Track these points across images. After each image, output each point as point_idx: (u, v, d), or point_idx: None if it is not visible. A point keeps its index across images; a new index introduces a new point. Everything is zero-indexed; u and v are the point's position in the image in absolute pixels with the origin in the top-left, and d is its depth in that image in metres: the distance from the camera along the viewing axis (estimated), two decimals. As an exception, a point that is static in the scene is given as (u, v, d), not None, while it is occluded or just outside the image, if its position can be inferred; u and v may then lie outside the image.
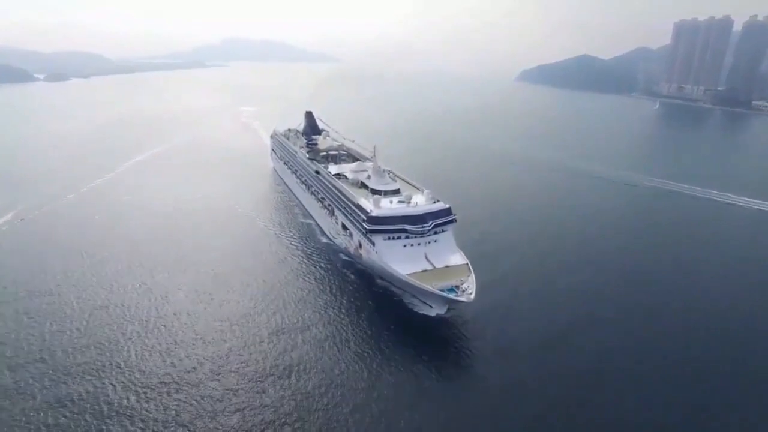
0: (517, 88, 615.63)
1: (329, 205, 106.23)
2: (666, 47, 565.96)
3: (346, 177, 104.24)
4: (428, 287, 74.07)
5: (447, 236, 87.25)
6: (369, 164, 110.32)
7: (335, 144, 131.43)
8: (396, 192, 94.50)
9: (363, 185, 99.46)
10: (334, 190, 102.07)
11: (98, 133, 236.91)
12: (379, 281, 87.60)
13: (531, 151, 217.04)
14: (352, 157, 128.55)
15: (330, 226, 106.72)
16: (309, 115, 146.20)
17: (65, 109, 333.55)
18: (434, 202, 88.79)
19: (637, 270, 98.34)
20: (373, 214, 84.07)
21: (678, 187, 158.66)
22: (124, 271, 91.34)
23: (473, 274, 78.31)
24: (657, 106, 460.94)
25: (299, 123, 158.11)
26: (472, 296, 71.87)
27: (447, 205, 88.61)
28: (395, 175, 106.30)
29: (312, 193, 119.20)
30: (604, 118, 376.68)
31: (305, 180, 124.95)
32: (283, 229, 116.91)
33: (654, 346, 73.37)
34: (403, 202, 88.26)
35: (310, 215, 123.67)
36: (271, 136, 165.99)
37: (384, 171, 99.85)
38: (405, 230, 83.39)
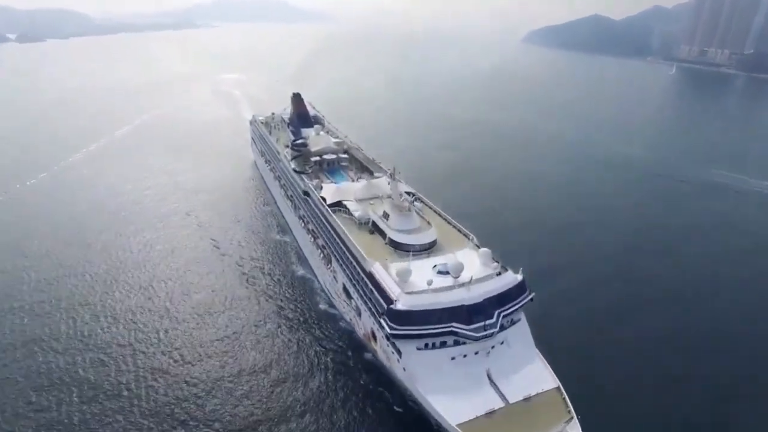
0: (523, 51, 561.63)
1: (324, 247, 69.20)
2: (683, 6, 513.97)
3: (348, 210, 66.23)
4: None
5: (520, 332, 50.80)
6: (381, 181, 72.85)
7: (332, 143, 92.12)
8: (431, 247, 57.11)
9: (375, 227, 61.88)
10: (332, 232, 64.62)
11: (59, 107, 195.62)
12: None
13: (538, 126, 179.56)
14: (357, 163, 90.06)
15: (325, 276, 70.15)
16: (297, 99, 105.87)
17: (27, 75, 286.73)
18: (497, 272, 51.57)
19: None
20: (400, 306, 46.87)
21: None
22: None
23: (576, 420, 42.62)
24: (673, 71, 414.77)
25: (284, 107, 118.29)
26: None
27: (519, 277, 51.61)
28: (423, 205, 68.68)
29: (299, 218, 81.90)
30: (622, 87, 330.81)
31: (291, 196, 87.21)
32: (249, 250, 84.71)
33: None
34: (447, 273, 50.80)
35: (290, 230, 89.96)
36: (251, 122, 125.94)
37: (407, 202, 61.71)
38: (453, 332, 46.85)
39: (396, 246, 56.69)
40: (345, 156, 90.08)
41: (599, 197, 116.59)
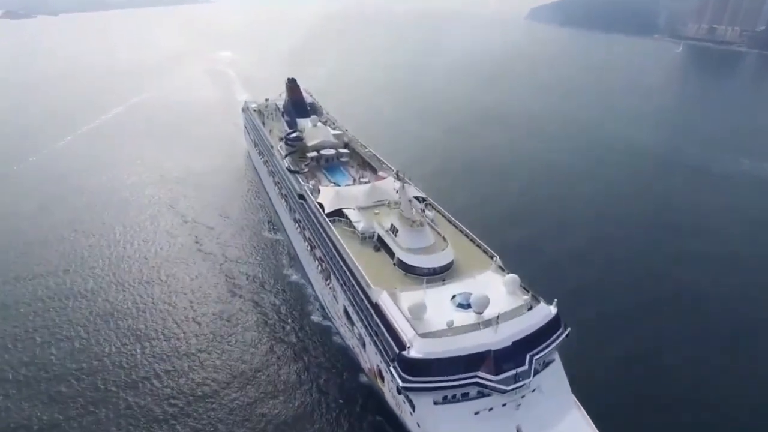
0: (526, 29, 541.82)
1: (322, 260, 60.67)
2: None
3: (349, 221, 57.27)
4: None
5: (554, 376, 42.44)
6: (386, 183, 63.82)
7: (331, 136, 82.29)
8: (446, 270, 48.32)
9: (382, 243, 52.92)
10: (331, 247, 55.82)
11: (47, 89, 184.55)
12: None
13: (542, 110, 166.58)
14: (359, 158, 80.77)
15: (323, 291, 61.85)
16: (292, 85, 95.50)
17: (13, 54, 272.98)
18: (529, 307, 42.82)
19: None
20: (414, 353, 38.20)
21: None
22: None
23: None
24: (680, 49, 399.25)
25: (280, 92, 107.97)
26: None
27: (553, 310, 43.12)
28: (435, 212, 59.58)
29: (295, 221, 73.15)
30: (626, 67, 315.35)
31: (285, 195, 78.18)
32: (236, 249, 77.28)
33: None
34: (469, 306, 42.24)
35: (283, 227, 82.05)
36: (243, 110, 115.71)
37: (419, 214, 52.50)
38: (478, 383, 38.65)
39: (406, 269, 47.92)
40: (345, 151, 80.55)
41: (621, 191, 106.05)
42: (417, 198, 60.10)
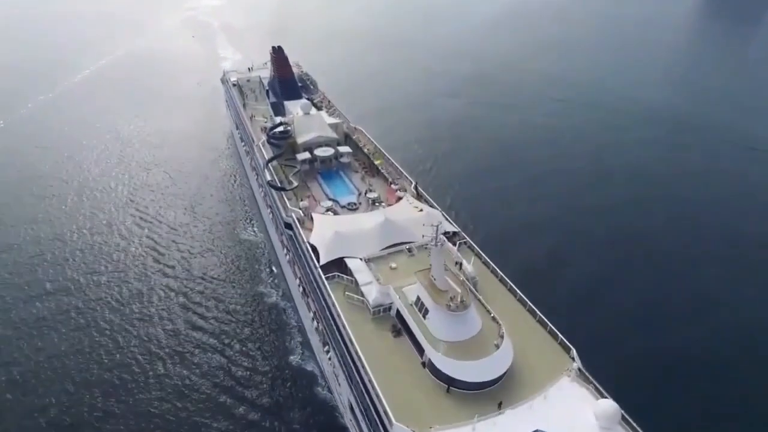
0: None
1: (317, 316, 44.79)
2: None
3: (355, 282, 39.28)
4: None
5: None
6: (405, 211, 46.93)
7: (327, 127, 63.20)
8: (497, 379, 31.59)
9: (404, 325, 35.33)
10: (330, 320, 39.44)
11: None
12: None
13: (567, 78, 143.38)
14: (363, 158, 62.73)
15: (320, 353, 46.45)
16: (278, 56, 74.82)
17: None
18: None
19: None
20: None
21: None
22: None
23: None
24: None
25: (265, 62, 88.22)
26: None
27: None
28: (473, 258, 42.42)
29: (282, 245, 56.50)
30: (633, 17, 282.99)
31: (270, 206, 60.90)
32: (202, 261, 62.81)
33: None
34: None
35: (266, 231, 66.91)
36: (223, 82, 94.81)
37: (464, 284, 34.77)
38: None
39: (445, 380, 31.70)
40: (346, 149, 61.97)
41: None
42: (446, 234, 43.16)
